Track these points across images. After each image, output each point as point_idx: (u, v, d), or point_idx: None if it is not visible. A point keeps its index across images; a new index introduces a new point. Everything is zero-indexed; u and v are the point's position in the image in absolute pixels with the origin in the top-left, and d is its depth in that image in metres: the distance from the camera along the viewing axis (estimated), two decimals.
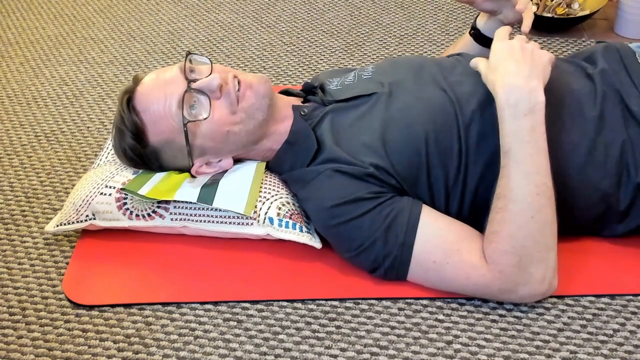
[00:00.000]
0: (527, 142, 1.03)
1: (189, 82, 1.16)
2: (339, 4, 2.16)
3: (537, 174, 1.03)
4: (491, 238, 1.05)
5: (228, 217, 1.20)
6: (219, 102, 1.17)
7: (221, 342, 1.08)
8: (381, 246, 1.09)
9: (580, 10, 1.89)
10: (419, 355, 1.04)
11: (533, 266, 1.04)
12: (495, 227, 1.05)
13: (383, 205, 1.10)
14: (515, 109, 1.04)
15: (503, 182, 1.05)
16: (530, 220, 1.03)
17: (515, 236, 1.03)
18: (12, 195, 1.42)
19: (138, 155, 1.22)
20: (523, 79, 1.05)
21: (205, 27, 2.06)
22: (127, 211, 1.23)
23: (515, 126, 1.04)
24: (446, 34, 1.95)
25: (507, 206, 1.03)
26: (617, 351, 1.03)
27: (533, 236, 1.03)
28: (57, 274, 1.21)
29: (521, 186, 1.03)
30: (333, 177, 1.14)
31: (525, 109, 1.04)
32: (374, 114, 1.18)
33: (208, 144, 1.20)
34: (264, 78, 1.21)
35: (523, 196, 1.03)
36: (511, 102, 1.04)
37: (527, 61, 1.07)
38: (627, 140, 1.12)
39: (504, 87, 1.05)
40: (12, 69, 1.87)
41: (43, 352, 1.07)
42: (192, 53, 1.22)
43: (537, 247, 1.03)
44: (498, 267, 1.04)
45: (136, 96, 1.19)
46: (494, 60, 1.09)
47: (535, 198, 1.03)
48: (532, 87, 1.04)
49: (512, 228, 1.03)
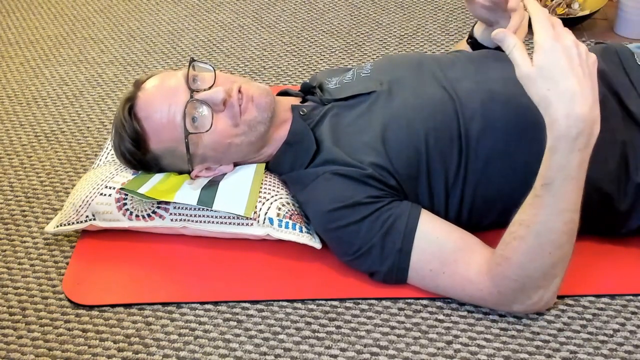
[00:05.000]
0: (572, 178, 0.94)
1: (192, 91, 1.15)
2: (339, 4, 2.16)
3: (570, 211, 0.96)
4: (499, 261, 1.01)
5: (228, 218, 1.20)
6: (222, 114, 1.16)
7: (221, 342, 1.08)
8: (378, 252, 1.09)
9: (580, 10, 1.89)
10: (419, 355, 1.04)
11: (533, 291, 1.02)
12: (508, 253, 1.00)
13: (381, 210, 1.10)
14: (574, 142, 0.91)
15: (531, 212, 0.97)
16: (547, 255, 0.98)
17: (525, 267, 0.99)
18: (12, 195, 1.42)
19: (137, 160, 1.22)
20: (589, 108, 0.90)
21: (205, 27, 2.06)
22: (127, 212, 1.23)
23: (566, 160, 0.92)
24: (446, 34, 1.95)
25: (527, 237, 0.97)
26: (617, 351, 1.03)
27: (543, 269, 1.00)
28: (57, 274, 1.22)
29: (550, 222, 0.96)
30: (332, 180, 1.14)
31: (582, 144, 0.91)
32: (374, 112, 1.18)
33: (209, 153, 1.20)
34: (265, 90, 1.20)
35: (548, 232, 0.96)
36: (572, 134, 0.90)
37: (587, 78, 0.92)
38: (627, 141, 1.12)
39: (569, 117, 0.90)
40: (12, 69, 1.87)
41: (43, 352, 1.07)
42: (196, 60, 1.22)
43: (544, 277, 1.01)
44: (498, 288, 1.03)
45: (138, 103, 1.18)
46: (547, 64, 0.91)
47: (559, 235, 0.97)
48: (595, 118, 0.91)
49: (525, 260, 0.99)
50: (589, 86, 0.91)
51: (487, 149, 1.11)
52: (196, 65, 1.21)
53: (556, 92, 0.90)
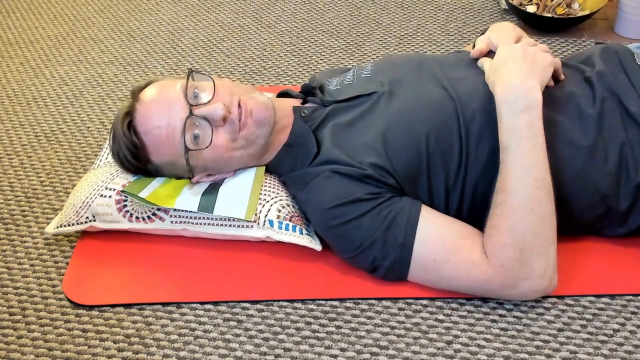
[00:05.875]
0: (524, 137, 1.05)
1: (191, 107, 1.14)
2: (339, 4, 2.16)
3: (536, 168, 1.05)
4: (491, 232, 1.05)
5: (228, 220, 1.20)
6: (221, 129, 1.15)
7: (221, 342, 1.08)
8: (380, 247, 1.09)
9: (580, 10, 1.89)
10: (419, 355, 1.04)
11: (533, 260, 1.04)
12: (495, 221, 1.05)
13: (382, 206, 1.10)
14: (513, 106, 1.06)
15: (502, 177, 1.06)
16: (530, 213, 1.03)
17: (515, 229, 1.03)
18: (12, 195, 1.42)
19: (137, 168, 1.22)
20: (521, 78, 1.08)
21: (205, 27, 2.06)
22: (127, 213, 1.23)
23: (513, 123, 1.06)
24: (446, 34, 1.95)
25: (507, 200, 1.04)
26: (617, 351, 1.03)
27: (533, 229, 1.03)
28: (57, 274, 1.21)
29: (520, 180, 1.04)
30: (331, 178, 1.14)
31: (522, 106, 1.06)
32: (375, 113, 1.18)
33: (210, 165, 1.20)
34: (265, 104, 1.19)
35: (522, 189, 1.04)
36: (509, 99, 1.07)
37: (527, 62, 1.11)
38: (627, 142, 1.12)
39: (503, 85, 1.08)
40: (12, 69, 1.87)
41: (43, 352, 1.07)
42: (194, 71, 1.21)
43: (537, 240, 1.04)
44: (499, 260, 1.04)
45: (137, 117, 1.17)
46: (497, 61, 1.14)
47: (534, 191, 1.04)
48: (530, 86, 1.07)
49: (511, 221, 1.04)
50: (527, 67, 1.09)
51: (487, 149, 1.12)
52: (195, 76, 1.21)
53: (499, 75, 1.11)
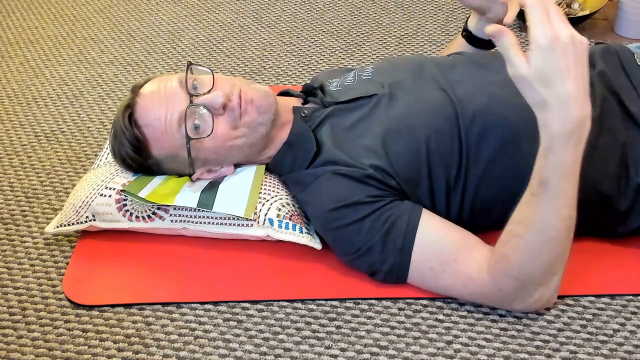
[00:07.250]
0: (567, 174, 0.94)
1: (191, 96, 1.15)
2: (339, 4, 2.16)
3: (567, 207, 0.96)
4: (499, 258, 1.02)
5: (228, 219, 1.20)
6: (222, 118, 1.16)
7: (221, 342, 1.08)
8: (379, 251, 1.09)
9: (580, 10, 1.89)
10: (419, 355, 1.04)
11: (533, 289, 1.03)
12: (507, 251, 1.00)
13: (382, 209, 1.10)
14: (568, 141, 0.91)
15: (529, 210, 0.97)
16: (546, 253, 0.98)
17: (524, 265, 0.99)
18: (12, 195, 1.42)
19: (138, 165, 1.22)
20: (581, 107, 0.91)
21: (205, 27, 2.06)
22: (127, 213, 1.23)
23: (562, 158, 0.93)
24: (446, 34, 1.95)
25: (526, 235, 0.98)
26: (617, 351, 1.03)
27: (543, 267, 1.00)
28: (57, 274, 1.22)
29: (547, 219, 0.96)
30: (332, 179, 1.14)
31: (576, 141, 0.92)
32: (375, 116, 1.18)
33: (211, 156, 1.20)
34: (265, 92, 1.19)
35: (546, 230, 0.97)
36: (566, 133, 0.91)
37: (580, 77, 0.90)
38: (627, 142, 1.12)
39: (564, 119, 0.90)
40: (12, 69, 1.88)
41: (43, 352, 1.07)
42: (193, 63, 1.21)
43: (544, 275, 1.01)
44: (497, 285, 1.03)
45: (137, 110, 1.17)
46: (545, 67, 0.89)
47: (558, 233, 0.97)
48: (587, 114, 0.92)
49: (524, 258, 0.99)
50: (582, 84, 0.90)
51: (488, 151, 1.11)
52: (194, 69, 1.21)
53: (553, 96, 0.89)
